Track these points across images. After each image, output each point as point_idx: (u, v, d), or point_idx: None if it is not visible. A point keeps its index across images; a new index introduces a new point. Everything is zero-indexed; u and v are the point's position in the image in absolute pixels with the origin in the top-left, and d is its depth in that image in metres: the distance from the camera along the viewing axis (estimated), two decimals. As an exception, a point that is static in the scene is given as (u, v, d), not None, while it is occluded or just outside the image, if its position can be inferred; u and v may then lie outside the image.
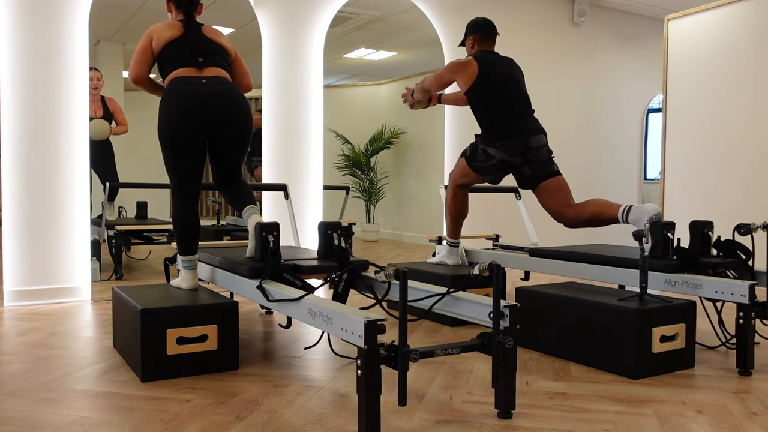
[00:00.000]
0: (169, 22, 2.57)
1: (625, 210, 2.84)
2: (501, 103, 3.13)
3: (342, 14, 4.76)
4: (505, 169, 3.18)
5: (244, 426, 1.79)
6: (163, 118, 2.44)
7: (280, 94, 4.40)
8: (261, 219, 2.46)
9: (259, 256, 2.35)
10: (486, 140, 3.16)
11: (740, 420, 1.87)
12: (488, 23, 3.31)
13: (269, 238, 2.34)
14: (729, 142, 4.47)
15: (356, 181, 6.51)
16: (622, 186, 6.57)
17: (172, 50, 2.50)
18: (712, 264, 2.58)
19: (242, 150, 2.60)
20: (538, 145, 3.12)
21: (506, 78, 3.17)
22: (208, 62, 2.52)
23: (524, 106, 3.19)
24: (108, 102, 4.64)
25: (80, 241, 3.69)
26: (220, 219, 5.10)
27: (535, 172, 3.15)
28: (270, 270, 2.26)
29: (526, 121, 3.15)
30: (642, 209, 2.76)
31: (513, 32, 5.56)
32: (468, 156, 3.25)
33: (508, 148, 3.09)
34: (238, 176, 2.67)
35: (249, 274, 2.30)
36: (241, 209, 2.58)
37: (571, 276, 2.97)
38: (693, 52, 4.70)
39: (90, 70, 3.75)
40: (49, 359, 2.45)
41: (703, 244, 2.68)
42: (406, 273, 1.68)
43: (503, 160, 3.12)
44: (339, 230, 2.48)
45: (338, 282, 2.28)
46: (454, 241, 3.46)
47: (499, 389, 1.84)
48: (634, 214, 2.79)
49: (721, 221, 4.47)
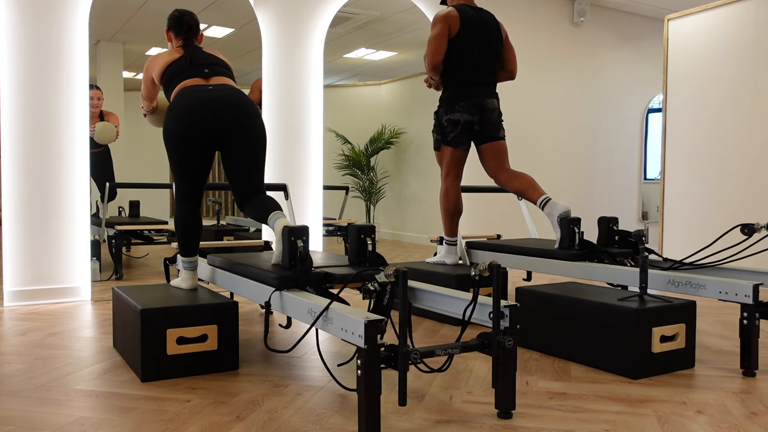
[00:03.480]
0: (168, 51, 2.61)
1: (544, 201, 3.16)
2: (466, 64, 3.29)
3: (342, 14, 4.76)
4: (469, 130, 3.34)
5: (244, 426, 1.79)
6: (168, 123, 2.43)
7: (280, 94, 4.40)
8: (288, 223, 2.22)
9: (288, 263, 2.14)
10: (447, 108, 3.32)
11: (740, 420, 1.87)
12: None
13: (298, 243, 2.12)
14: (729, 141, 4.47)
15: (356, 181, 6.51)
16: (622, 186, 6.57)
17: (173, 70, 2.51)
18: (610, 254, 2.91)
19: (255, 157, 2.46)
20: (491, 107, 3.33)
21: (478, 39, 3.31)
22: (214, 72, 2.51)
23: (488, 71, 3.35)
24: (107, 116, 4.61)
25: (80, 241, 3.69)
26: (220, 219, 5.10)
27: (483, 131, 3.34)
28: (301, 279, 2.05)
29: (484, 87, 3.33)
30: (555, 206, 3.08)
31: (513, 32, 5.56)
32: (440, 139, 3.38)
33: (468, 108, 3.28)
34: (261, 191, 2.49)
35: (278, 284, 2.07)
36: (266, 218, 2.35)
37: (571, 276, 2.97)
38: (693, 52, 4.70)
39: (91, 89, 3.75)
40: (49, 359, 2.45)
41: (608, 236, 3.08)
42: (406, 273, 1.67)
43: (466, 121, 3.29)
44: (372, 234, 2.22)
45: (383, 294, 1.93)
46: (452, 239, 3.47)
47: (499, 389, 1.84)
48: (549, 208, 3.11)
49: (721, 221, 4.47)
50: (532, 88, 5.77)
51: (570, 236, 2.99)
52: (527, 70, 5.73)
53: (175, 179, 2.51)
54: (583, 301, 2.42)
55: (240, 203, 2.51)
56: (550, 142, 5.89)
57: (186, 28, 2.59)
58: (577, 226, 2.99)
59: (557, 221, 3.04)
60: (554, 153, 5.93)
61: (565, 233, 3.01)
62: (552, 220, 3.08)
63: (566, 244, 3.00)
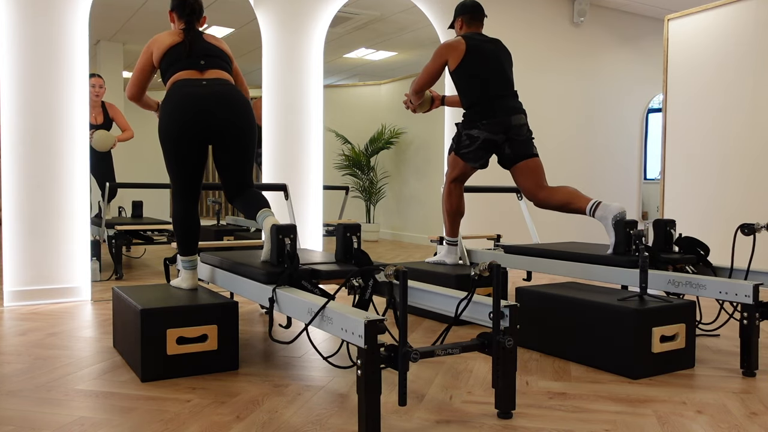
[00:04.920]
0: (170, 31, 2.58)
1: (594, 206, 2.94)
2: (484, 82, 3.22)
3: (342, 14, 4.76)
4: (490, 149, 3.25)
5: (244, 426, 1.79)
6: (163, 120, 2.44)
7: (280, 94, 4.40)
8: (277, 221, 2.33)
9: (276, 260, 2.24)
10: (468, 123, 3.24)
11: (740, 420, 1.87)
12: (476, 5, 3.41)
13: (286, 241, 2.22)
14: (729, 141, 4.47)
15: (356, 181, 6.51)
16: (622, 186, 6.57)
17: (172, 56, 2.51)
18: (672, 260, 2.68)
19: (247, 153, 2.53)
20: (518, 123, 3.20)
21: (491, 57, 3.26)
22: (210, 65, 2.52)
23: (507, 85, 3.27)
24: (108, 108, 4.62)
25: (80, 241, 3.69)
26: (220, 219, 5.10)
27: (515, 151, 3.22)
28: (288, 275, 2.13)
29: (508, 100, 3.23)
30: (608, 208, 2.86)
31: (513, 32, 5.56)
32: (454, 148, 3.32)
33: (490, 126, 3.17)
34: (249, 185, 2.58)
35: (266, 280, 2.17)
36: (255, 215, 2.45)
37: (571, 276, 2.97)
38: (693, 52, 4.70)
39: (92, 77, 3.75)
40: (49, 359, 2.45)
41: (666, 241, 2.80)
42: (406, 273, 1.67)
43: (487, 139, 3.19)
44: (358, 233, 2.36)
45: (365, 289, 2.08)
46: (453, 239, 3.47)
47: (499, 389, 1.84)
48: (601, 211, 2.89)
49: (721, 221, 4.47)
50: (532, 88, 5.76)
51: (626, 241, 2.74)
52: (527, 70, 5.73)
53: (171, 178, 2.52)
54: (583, 301, 2.42)
55: (230, 196, 2.59)
56: (550, 142, 5.88)
57: (189, 10, 2.58)
58: (632, 230, 2.74)
59: (611, 224, 2.79)
60: (554, 153, 5.93)
61: (621, 237, 2.76)
62: (606, 224, 2.84)
63: (621, 249, 2.75)
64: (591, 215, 2.95)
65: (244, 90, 2.70)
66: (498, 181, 5.08)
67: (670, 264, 2.68)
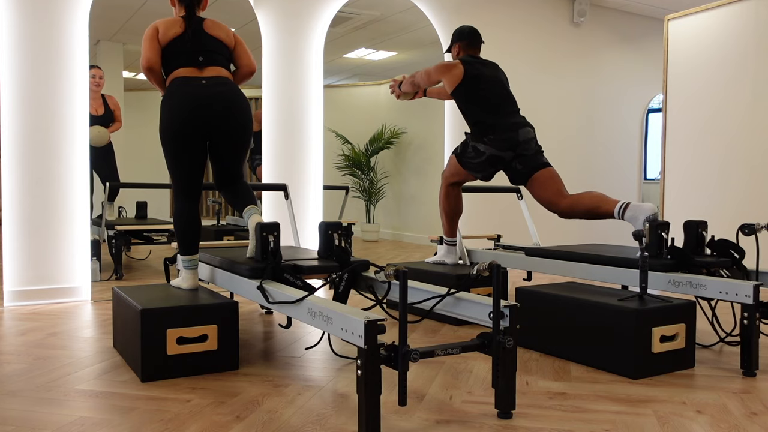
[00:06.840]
0: (172, 19, 2.57)
1: (622, 207, 2.82)
2: (485, 102, 3.18)
3: (342, 14, 4.76)
4: (496, 165, 3.18)
5: (244, 426, 1.79)
6: (164, 119, 2.46)
7: (280, 94, 4.40)
8: (261, 219, 2.46)
9: (260, 256, 2.34)
10: (475, 137, 3.20)
11: (740, 420, 1.87)
12: (474, 32, 3.38)
13: (270, 238, 2.34)
14: (729, 141, 4.47)
15: (356, 181, 6.51)
16: (622, 186, 6.56)
17: (173, 48, 2.51)
18: (705, 263, 2.59)
19: (242, 151, 2.60)
20: (526, 138, 3.13)
21: (490, 79, 3.23)
22: (209, 61, 2.52)
23: (509, 103, 3.23)
24: (108, 99, 4.64)
25: (80, 241, 3.69)
26: (220, 219, 5.10)
27: (526, 165, 3.15)
28: (270, 270, 2.25)
29: (512, 116, 3.18)
30: (639, 208, 2.74)
31: (513, 32, 5.56)
32: (459, 153, 3.28)
33: (496, 143, 3.11)
34: (239, 177, 2.66)
35: (249, 275, 2.29)
36: (241, 209, 2.57)
37: (571, 276, 2.97)
38: (693, 52, 4.70)
39: (92, 68, 3.75)
40: (49, 359, 2.45)
41: (698, 243, 2.71)
42: (406, 273, 1.67)
43: (493, 155, 3.13)
44: (339, 230, 2.49)
45: (339, 282, 2.29)
46: (451, 239, 3.47)
47: (499, 389, 1.84)
48: (631, 212, 2.76)
49: (721, 221, 4.47)
50: (531, 88, 5.76)
51: (658, 243, 2.64)
52: (527, 70, 5.73)
53: (171, 177, 2.53)
54: (583, 301, 2.42)
55: (218, 184, 2.67)
56: (550, 142, 5.88)
57: None
58: (665, 232, 2.65)
59: (645, 227, 2.66)
60: (554, 153, 5.92)
61: (654, 240, 2.64)
62: (636, 226, 2.72)
63: (654, 252, 2.65)
64: (620, 217, 2.81)
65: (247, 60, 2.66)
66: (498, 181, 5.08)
67: (704, 267, 2.58)
